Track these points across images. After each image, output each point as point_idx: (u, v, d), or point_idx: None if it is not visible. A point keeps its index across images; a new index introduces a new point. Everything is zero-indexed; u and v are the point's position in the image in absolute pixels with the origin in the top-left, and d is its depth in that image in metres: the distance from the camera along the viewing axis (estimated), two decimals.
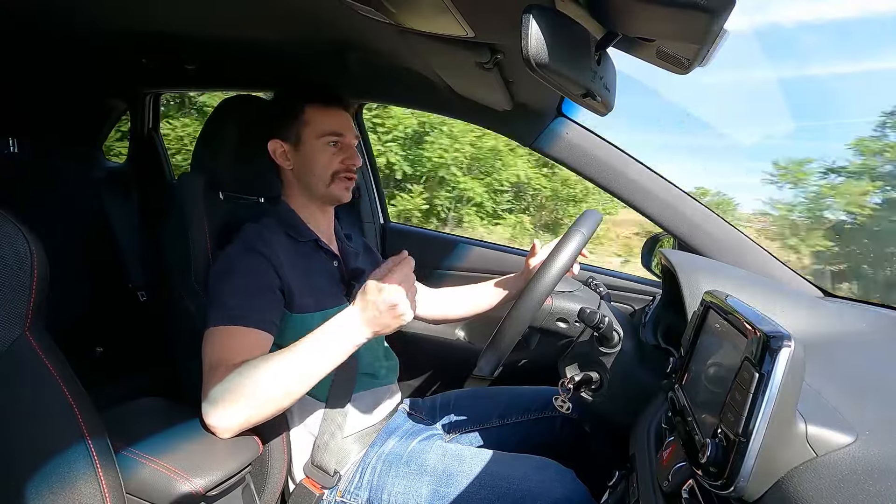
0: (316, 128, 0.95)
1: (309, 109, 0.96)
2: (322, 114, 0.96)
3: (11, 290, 0.55)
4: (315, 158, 0.96)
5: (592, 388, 0.91)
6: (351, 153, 0.98)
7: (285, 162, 0.97)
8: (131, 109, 1.97)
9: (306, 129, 0.95)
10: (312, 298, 0.91)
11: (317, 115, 0.96)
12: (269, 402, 0.74)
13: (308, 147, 0.96)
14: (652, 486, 0.65)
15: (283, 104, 0.98)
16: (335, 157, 0.97)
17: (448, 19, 0.67)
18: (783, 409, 0.45)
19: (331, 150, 0.96)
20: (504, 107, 1.13)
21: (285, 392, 0.74)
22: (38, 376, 0.57)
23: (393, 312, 0.73)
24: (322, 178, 0.96)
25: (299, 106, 0.96)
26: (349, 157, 0.98)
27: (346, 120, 0.99)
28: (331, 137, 0.96)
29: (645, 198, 1.14)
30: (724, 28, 0.47)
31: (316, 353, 0.74)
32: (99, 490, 0.57)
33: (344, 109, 0.99)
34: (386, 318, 0.73)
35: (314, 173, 0.96)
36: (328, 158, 0.96)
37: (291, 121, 0.96)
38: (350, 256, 1.06)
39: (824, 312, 0.88)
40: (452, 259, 1.62)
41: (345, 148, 0.98)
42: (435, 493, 0.86)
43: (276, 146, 0.97)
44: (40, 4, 0.96)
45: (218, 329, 0.80)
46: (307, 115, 0.96)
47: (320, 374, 0.75)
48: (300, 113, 0.96)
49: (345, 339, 0.75)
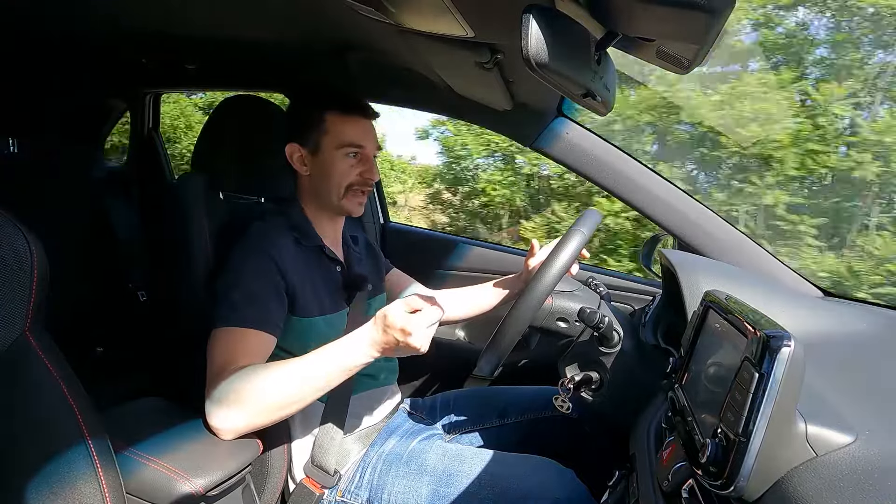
0: (336, 137, 0.93)
1: (329, 117, 0.93)
2: (343, 122, 0.93)
3: (11, 290, 0.55)
4: (332, 168, 0.93)
5: (592, 388, 0.91)
6: (370, 166, 0.96)
7: (302, 167, 0.95)
8: (131, 109, 1.97)
9: (326, 138, 0.93)
10: (314, 303, 0.91)
11: (337, 124, 0.93)
12: (273, 409, 0.74)
13: (326, 156, 0.93)
14: (652, 485, 0.65)
15: (303, 109, 0.97)
16: (353, 169, 0.94)
17: (448, 19, 0.67)
18: (783, 409, 0.45)
19: (349, 161, 0.94)
20: (504, 107, 1.13)
21: (290, 401, 0.75)
22: (38, 376, 0.57)
23: (409, 345, 0.72)
24: (336, 189, 0.94)
25: (319, 113, 0.93)
26: (367, 171, 0.95)
27: (368, 129, 0.96)
28: (350, 149, 0.93)
29: (645, 198, 1.14)
30: (724, 28, 0.47)
31: (324, 366, 0.75)
32: (99, 490, 0.57)
33: (366, 118, 0.96)
34: (401, 350, 0.73)
35: (329, 183, 0.94)
36: (345, 170, 0.94)
37: (311, 127, 0.93)
38: (353, 262, 1.06)
39: (824, 312, 0.89)
40: (453, 259, 1.62)
41: (364, 160, 0.95)
42: (435, 492, 0.86)
43: (293, 150, 0.94)
44: (40, 4, 0.96)
45: (224, 330, 0.80)
46: (327, 122, 0.93)
47: (325, 387, 0.76)
48: (320, 120, 0.93)
49: (355, 357, 0.75)
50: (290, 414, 0.77)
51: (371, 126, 0.98)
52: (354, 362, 0.75)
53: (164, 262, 1.08)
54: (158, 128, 2.04)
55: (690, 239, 1.12)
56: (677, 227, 1.13)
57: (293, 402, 0.75)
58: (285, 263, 0.88)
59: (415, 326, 0.71)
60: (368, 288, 1.02)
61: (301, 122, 0.95)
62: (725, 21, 0.45)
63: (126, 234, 1.77)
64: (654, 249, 1.25)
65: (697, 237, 1.12)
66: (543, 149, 1.18)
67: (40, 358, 0.57)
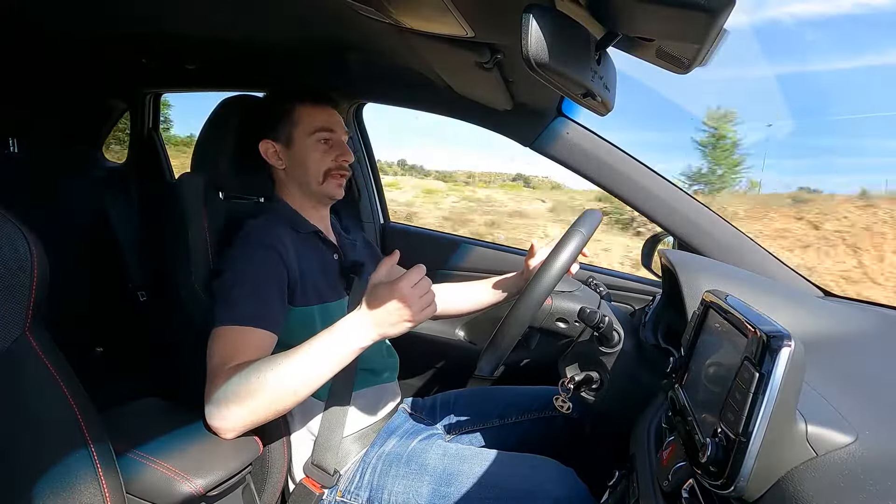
0: (307, 126, 0.96)
1: (300, 108, 0.97)
2: (312, 112, 0.97)
3: (11, 291, 0.55)
4: (307, 156, 0.97)
5: (593, 388, 0.91)
6: (343, 150, 0.99)
7: (277, 162, 0.98)
8: (131, 109, 1.97)
9: (297, 129, 0.96)
10: (314, 291, 0.92)
11: (307, 114, 0.97)
12: (273, 403, 0.73)
13: (300, 146, 0.97)
14: (652, 485, 0.65)
15: (273, 105, 0.99)
16: (327, 155, 0.98)
17: (448, 19, 0.67)
18: (783, 408, 0.45)
19: (322, 147, 0.97)
20: (504, 107, 1.13)
21: (290, 394, 0.74)
22: (38, 376, 0.57)
23: (402, 314, 0.73)
24: (315, 176, 0.97)
25: (289, 106, 0.97)
26: (341, 154, 0.99)
27: (336, 117, 1.01)
28: (322, 134, 0.97)
29: (645, 198, 1.14)
30: (723, 28, 0.47)
31: (322, 355, 0.74)
32: (99, 490, 0.57)
33: (333, 107, 1.01)
34: (394, 318, 0.73)
35: (307, 172, 0.97)
36: (320, 156, 0.97)
37: (282, 121, 0.97)
38: (349, 249, 1.07)
39: (824, 312, 0.88)
40: (453, 259, 1.62)
41: (336, 145, 0.99)
42: (435, 492, 0.86)
43: (267, 147, 0.97)
44: (41, 5, 0.96)
45: (225, 329, 0.80)
46: (297, 114, 0.97)
47: (326, 376, 0.75)
48: (291, 113, 0.97)
49: (351, 340, 0.74)
50: (290, 406, 0.75)
51: (337, 114, 1.02)
52: (351, 344, 0.74)
53: (164, 262, 1.08)
54: (158, 128, 2.04)
55: (690, 239, 1.12)
56: (677, 227, 1.13)
57: (293, 394, 0.74)
58: (288, 252, 0.88)
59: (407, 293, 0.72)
60: (366, 276, 1.02)
61: (271, 118, 0.98)
62: (725, 21, 0.45)
63: (126, 234, 1.77)
64: (654, 249, 1.25)
65: (697, 237, 1.12)
66: (543, 149, 1.17)
67: (40, 358, 0.57)
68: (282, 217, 0.97)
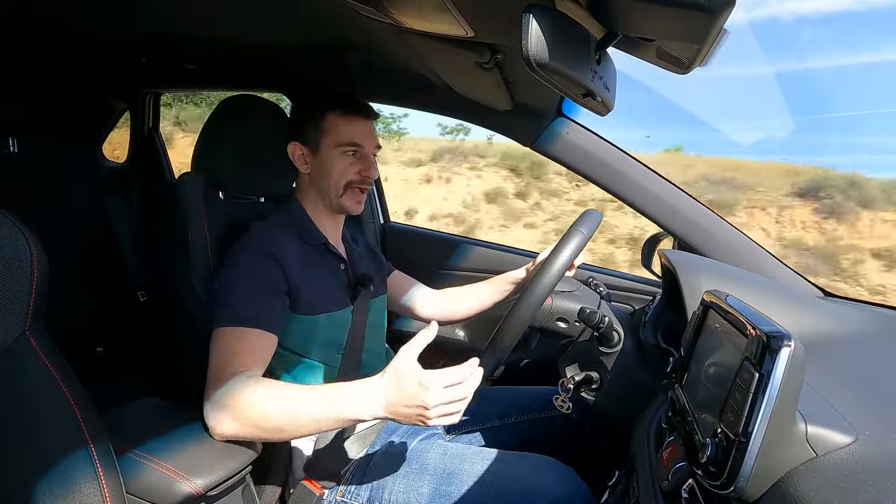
0: (335, 136, 0.95)
1: (330, 117, 0.95)
2: (342, 122, 0.95)
3: (11, 290, 0.55)
4: (331, 166, 0.95)
5: (593, 388, 0.92)
6: (367, 164, 0.97)
7: (303, 166, 0.97)
8: (131, 109, 1.97)
9: (326, 138, 0.95)
10: (318, 301, 0.91)
11: (337, 124, 0.95)
12: (270, 432, 0.73)
13: (325, 154, 0.95)
14: (652, 485, 0.65)
15: (305, 109, 0.98)
16: (352, 167, 0.96)
17: (448, 19, 0.67)
18: (783, 409, 0.45)
19: (348, 158, 0.96)
20: (504, 107, 1.13)
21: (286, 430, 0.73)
22: (38, 376, 0.57)
23: (419, 414, 0.69)
24: (336, 186, 0.96)
25: (320, 113, 0.95)
26: (366, 169, 0.97)
27: (367, 129, 0.98)
28: (349, 147, 0.95)
29: (645, 198, 1.14)
30: (724, 28, 0.47)
31: (329, 407, 0.72)
32: (99, 490, 0.57)
33: (365, 118, 0.98)
34: (409, 412, 0.70)
35: (329, 181, 0.96)
36: (344, 167, 0.96)
37: (312, 127, 0.95)
38: (356, 260, 1.06)
39: (824, 312, 0.89)
40: (454, 259, 1.62)
41: (363, 158, 0.97)
42: (436, 491, 0.86)
43: (294, 149, 0.97)
44: (41, 4, 0.96)
45: (225, 330, 0.80)
46: (328, 122, 0.95)
47: (324, 427, 0.75)
48: (321, 120, 0.95)
49: (358, 411, 0.72)
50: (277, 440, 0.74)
51: (370, 126, 0.99)
52: (355, 414, 0.71)
53: (164, 262, 1.08)
54: (158, 127, 2.04)
55: (690, 239, 1.12)
56: (677, 227, 1.13)
57: (284, 431, 0.73)
58: (289, 262, 0.88)
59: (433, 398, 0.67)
60: (371, 288, 1.03)
61: (302, 122, 0.97)
62: (725, 21, 0.45)
63: (126, 234, 1.77)
64: (654, 249, 1.25)
65: (697, 237, 1.12)
66: (544, 149, 1.17)
67: (40, 358, 0.57)
68: (291, 223, 0.96)
